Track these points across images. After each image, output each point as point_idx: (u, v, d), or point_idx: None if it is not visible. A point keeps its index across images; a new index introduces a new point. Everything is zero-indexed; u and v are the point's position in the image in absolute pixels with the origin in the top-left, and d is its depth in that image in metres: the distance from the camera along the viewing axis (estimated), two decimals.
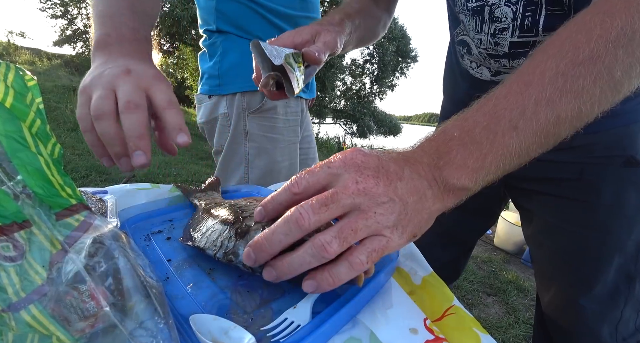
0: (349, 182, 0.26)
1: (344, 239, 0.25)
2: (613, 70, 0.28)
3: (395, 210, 0.27)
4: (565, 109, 0.28)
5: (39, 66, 8.08)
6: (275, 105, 0.79)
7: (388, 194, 0.27)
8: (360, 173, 0.27)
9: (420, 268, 0.39)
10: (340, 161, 0.28)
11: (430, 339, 0.29)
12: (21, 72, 0.25)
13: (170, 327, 0.23)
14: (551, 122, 0.28)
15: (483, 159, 0.29)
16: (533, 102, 0.29)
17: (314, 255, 0.25)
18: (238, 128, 0.79)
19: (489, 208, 0.70)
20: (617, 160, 0.48)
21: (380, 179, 0.27)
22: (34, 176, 0.23)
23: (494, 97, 0.31)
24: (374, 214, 0.26)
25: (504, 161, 0.29)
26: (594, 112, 0.29)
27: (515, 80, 0.30)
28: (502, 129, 0.29)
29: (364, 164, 0.27)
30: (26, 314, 0.21)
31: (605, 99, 0.29)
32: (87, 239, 0.24)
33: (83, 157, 3.07)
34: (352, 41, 0.55)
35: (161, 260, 0.36)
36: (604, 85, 0.28)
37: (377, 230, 0.26)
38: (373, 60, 10.62)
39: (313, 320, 0.28)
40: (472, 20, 0.49)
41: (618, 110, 0.46)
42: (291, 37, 0.45)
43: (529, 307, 1.73)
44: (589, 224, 0.50)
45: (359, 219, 0.26)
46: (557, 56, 0.29)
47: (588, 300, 0.51)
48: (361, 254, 0.26)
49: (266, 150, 0.79)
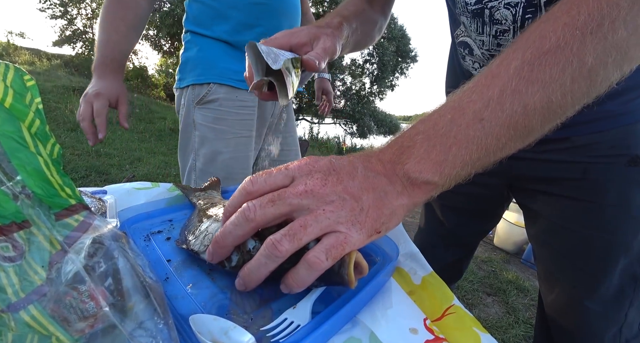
0: (299, 185, 0.27)
1: (293, 235, 0.26)
2: (583, 57, 0.26)
3: (346, 207, 0.27)
4: (533, 98, 0.27)
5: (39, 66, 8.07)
6: (218, 97, 0.84)
7: (337, 193, 0.27)
8: (310, 176, 0.28)
9: (420, 268, 0.39)
10: (296, 165, 0.29)
11: (430, 339, 0.29)
12: (20, 72, 0.25)
13: (169, 327, 0.23)
14: (518, 113, 0.27)
15: (447, 151, 0.28)
16: (498, 92, 0.28)
17: (267, 255, 0.26)
18: (188, 119, 0.86)
19: (491, 209, 0.70)
20: (621, 159, 0.47)
21: (329, 180, 0.28)
22: (34, 176, 0.23)
23: (461, 91, 0.30)
24: (322, 211, 0.26)
25: (471, 154, 0.28)
26: (567, 102, 0.28)
27: (484, 73, 0.30)
28: (466, 121, 0.28)
29: (315, 168, 0.28)
30: (26, 314, 0.21)
31: (578, 88, 0.27)
32: (87, 239, 0.24)
33: (82, 157, 3.07)
34: (349, 45, 0.55)
35: (161, 260, 0.36)
36: (575, 73, 0.27)
37: (330, 225, 0.26)
38: (373, 60, 10.61)
39: (313, 320, 0.28)
40: (474, 22, 0.49)
41: (622, 110, 0.45)
42: (287, 38, 0.44)
43: (529, 306, 1.73)
44: (593, 224, 0.50)
45: (308, 217, 0.26)
46: (524, 47, 0.28)
47: (592, 301, 0.50)
48: (318, 252, 0.26)
49: (208, 139, 0.84)
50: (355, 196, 0.28)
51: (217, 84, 0.83)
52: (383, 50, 10.08)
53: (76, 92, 5.43)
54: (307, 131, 10.22)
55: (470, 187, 0.67)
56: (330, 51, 0.45)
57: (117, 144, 3.72)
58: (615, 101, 0.45)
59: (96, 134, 0.73)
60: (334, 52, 0.46)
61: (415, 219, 2.92)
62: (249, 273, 0.28)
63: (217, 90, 0.83)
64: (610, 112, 0.46)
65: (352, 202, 0.27)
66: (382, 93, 11.12)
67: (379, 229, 0.28)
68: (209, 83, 0.83)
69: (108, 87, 0.75)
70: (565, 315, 0.54)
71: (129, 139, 4.03)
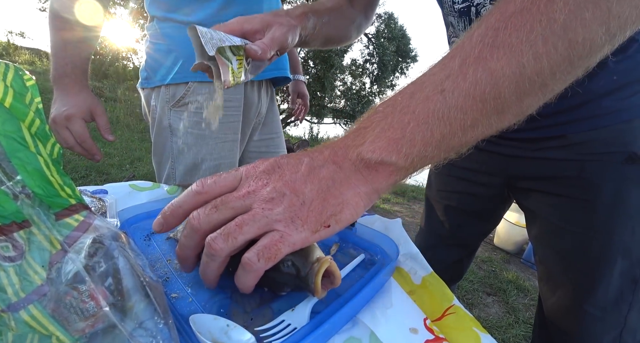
0: (242, 188, 0.27)
1: (228, 234, 0.25)
2: (553, 13, 0.23)
3: (284, 202, 0.26)
4: (500, 63, 0.24)
5: (39, 66, 8.07)
6: (198, 98, 0.73)
7: (277, 189, 0.26)
8: (255, 177, 0.28)
9: (421, 268, 0.39)
10: (245, 168, 0.29)
11: (430, 339, 0.29)
12: (20, 72, 0.25)
13: (170, 327, 0.23)
14: (484, 81, 0.24)
15: (404, 127, 0.26)
16: (460, 61, 0.25)
17: (207, 254, 0.26)
18: (163, 122, 0.75)
19: (492, 210, 0.69)
20: (617, 156, 0.46)
21: (271, 179, 0.27)
22: (34, 176, 0.23)
23: (427, 67, 0.28)
24: (261, 210, 0.26)
25: (433, 130, 0.25)
26: (543, 67, 0.24)
27: (450, 48, 0.27)
28: (425, 93, 0.26)
29: (260, 169, 0.28)
30: (26, 314, 0.21)
31: (554, 50, 0.23)
32: (87, 239, 0.24)
33: (82, 157, 3.06)
34: (318, 38, 0.53)
35: (161, 260, 0.36)
36: (546, 32, 0.23)
37: (268, 224, 0.25)
38: (373, 60, 10.61)
39: (313, 320, 0.28)
40: (461, 21, 0.49)
41: (619, 106, 0.45)
42: (240, 25, 0.42)
43: (529, 306, 1.73)
44: (589, 225, 0.49)
45: (246, 216, 0.26)
46: (488, 14, 0.26)
47: (591, 304, 0.49)
48: (251, 254, 0.25)
49: (189, 146, 0.74)
50: (296, 190, 0.26)
51: (197, 83, 0.72)
52: (383, 50, 10.07)
53: None
54: (307, 131, 10.22)
55: (470, 186, 0.66)
56: (279, 41, 0.42)
57: (117, 143, 3.71)
58: (611, 97, 0.45)
59: (96, 151, 0.69)
60: (283, 42, 0.43)
61: (416, 219, 2.92)
62: (202, 273, 0.28)
63: (197, 90, 0.72)
64: (606, 109, 0.46)
65: (292, 196, 0.26)
66: (382, 93, 11.11)
67: (326, 223, 0.26)
68: (186, 82, 0.72)
69: (76, 103, 0.66)
70: (565, 317, 0.54)
71: (129, 139, 4.03)
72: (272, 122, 0.93)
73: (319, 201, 0.26)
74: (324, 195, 0.26)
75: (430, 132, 0.25)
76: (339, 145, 0.28)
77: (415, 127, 0.25)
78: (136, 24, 8.25)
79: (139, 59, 11.23)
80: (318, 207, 0.26)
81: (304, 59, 8.94)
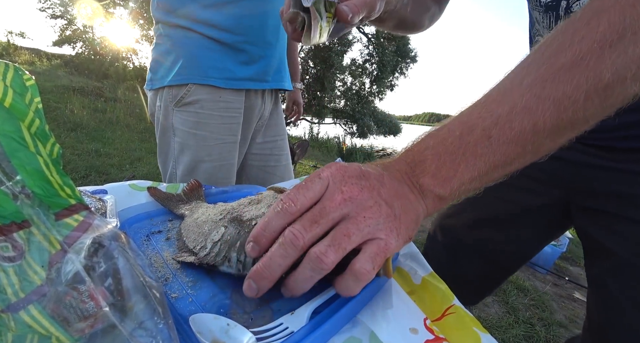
0: (335, 194, 0.27)
1: (338, 246, 0.25)
2: (600, 73, 0.25)
3: (383, 213, 0.27)
4: (543, 117, 0.26)
5: (39, 66, 8.07)
6: (198, 99, 0.75)
7: (373, 198, 0.27)
8: (344, 182, 0.27)
9: (421, 268, 0.39)
10: (329, 172, 0.28)
11: (430, 339, 0.29)
12: (20, 72, 0.25)
13: (169, 327, 0.23)
14: (528, 130, 0.27)
15: (455, 169, 0.29)
16: (508, 109, 0.27)
17: (313, 269, 0.25)
18: (167, 122, 0.78)
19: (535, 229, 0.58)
20: None
21: (364, 186, 0.27)
22: (33, 176, 0.23)
23: (472, 104, 0.30)
24: (363, 218, 0.26)
25: (479, 170, 0.28)
26: (579, 118, 0.26)
27: (496, 87, 0.29)
28: (474, 138, 0.28)
29: (347, 173, 0.28)
30: (25, 315, 0.20)
31: (592, 104, 0.26)
32: (87, 239, 0.24)
33: (82, 157, 3.06)
34: (394, 18, 0.49)
35: (161, 260, 0.36)
36: (590, 90, 0.25)
37: (371, 233, 0.26)
38: (372, 60, 10.61)
39: (312, 320, 0.28)
40: (546, 17, 0.44)
41: None
42: None
43: (529, 306, 1.73)
44: None
45: (350, 225, 0.26)
46: (539, 61, 0.28)
47: None
48: (365, 262, 0.25)
49: (189, 146, 0.77)
50: (389, 203, 0.27)
51: (196, 85, 0.74)
52: (383, 50, 10.07)
53: (76, 92, 5.43)
54: (307, 131, 10.23)
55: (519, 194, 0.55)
56: (370, 5, 0.39)
57: (117, 144, 3.71)
58: None
59: None
60: (373, 6, 0.40)
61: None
62: (294, 286, 0.27)
63: (197, 91, 0.74)
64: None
65: (387, 208, 0.27)
66: (382, 93, 11.11)
67: (410, 235, 0.29)
68: (186, 84, 0.74)
69: None
70: None
71: (129, 139, 4.03)
72: (276, 125, 0.94)
73: (405, 216, 0.28)
74: (407, 210, 0.28)
75: (477, 171, 0.28)
76: (402, 170, 0.30)
77: (464, 169, 0.28)
78: (136, 24, 8.25)
79: (139, 59, 11.25)
80: (405, 220, 0.28)
81: (304, 59, 8.93)
